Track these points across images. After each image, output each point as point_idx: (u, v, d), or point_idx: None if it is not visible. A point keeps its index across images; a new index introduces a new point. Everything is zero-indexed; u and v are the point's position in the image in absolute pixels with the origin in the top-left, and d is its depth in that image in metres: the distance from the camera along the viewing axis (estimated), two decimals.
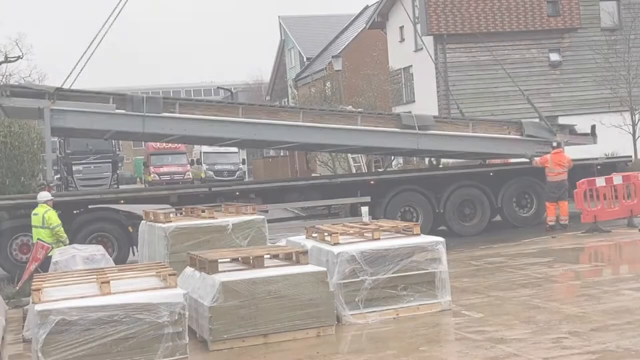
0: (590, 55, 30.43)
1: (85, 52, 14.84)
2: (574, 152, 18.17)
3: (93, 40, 14.86)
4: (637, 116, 26.54)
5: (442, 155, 19.98)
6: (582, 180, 16.39)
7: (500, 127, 17.80)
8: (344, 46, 44.32)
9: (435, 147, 17.22)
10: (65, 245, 12.54)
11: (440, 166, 21.77)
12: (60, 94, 14.63)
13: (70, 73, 14.70)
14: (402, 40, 36.17)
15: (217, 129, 15.57)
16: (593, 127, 18.68)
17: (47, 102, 14.37)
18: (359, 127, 16.43)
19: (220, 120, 15.48)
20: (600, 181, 16.34)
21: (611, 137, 20.74)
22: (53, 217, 12.75)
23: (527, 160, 17.63)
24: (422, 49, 33.48)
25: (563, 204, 16.78)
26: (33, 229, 12.93)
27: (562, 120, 28.96)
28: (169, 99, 15.46)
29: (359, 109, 21.97)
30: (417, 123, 16.65)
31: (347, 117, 16.71)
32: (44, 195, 13.33)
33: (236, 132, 15.77)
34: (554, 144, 17.32)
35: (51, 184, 14.97)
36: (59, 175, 40.70)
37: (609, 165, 18.96)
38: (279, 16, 55.63)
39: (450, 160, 24.53)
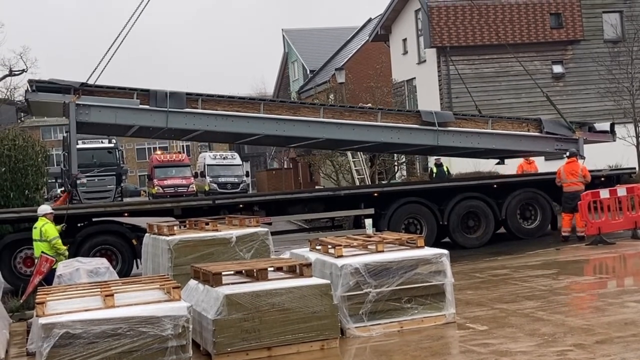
0: (594, 67, 30.48)
1: (109, 49, 14.91)
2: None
3: (117, 38, 14.93)
4: None
5: (461, 154, 19.91)
6: (586, 192, 16.37)
7: (520, 124, 17.80)
8: (347, 59, 44.44)
9: (454, 143, 17.17)
10: (65, 257, 12.57)
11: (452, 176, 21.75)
12: (85, 89, 14.71)
13: (95, 69, 14.78)
14: (405, 52, 36.27)
15: (239, 124, 15.62)
16: (612, 125, 18.61)
17: (72, 97, 14.44)
18: (379, 124, 16.46)
19: (242, 116, 15.55)
20: (604, 193, 16.32)
21: (615, 149, 20.72)
22: (50, 229, 12.78)
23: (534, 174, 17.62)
24: (425, 61, 33.64)
25: (578, 215, 16.65)
26: (33, 243, 12.96)
27: None
28: (191, 94, 15.43)
29: (379, 107, 21.97)
30: (437, 120, 16.70)
31: (367, 114, 16.73)
32: (44, 208, 13.39)
33: (258, 128, 15.80)
34: (567, 154, 17.35)
35: (79, 178, 14.94)
36: (63, 188, 40.86)
37: (613, 177, 18.94)
38: (282, 29, 55.90)
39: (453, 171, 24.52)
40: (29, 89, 14.48)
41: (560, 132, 17.76)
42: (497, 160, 20.71)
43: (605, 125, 18.64)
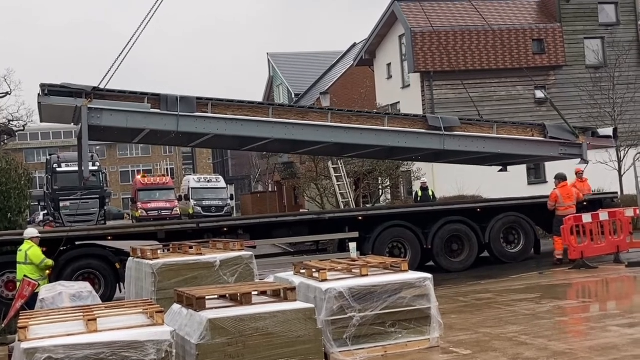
0: (576, 92, 30.84)
1: (120, 53, 14.97)
2: None
3: (129, 42, 14.99)
4: (622, 153, 26.78)
5: (465, 160, 19.95)
6: (569, 216, 16.48)
7: (524, 129, 17.86)
8: (332, 83, 44.68)
9: (460, 147, 17.16)
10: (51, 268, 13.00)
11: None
12: (96, 93, 14.67)
13: (107, 74, 14.83)
14: (390, 77, 36.53)
15: (249, 128, 15.62)
16: (615, 130, 18.71)
17: (84, 101, 14.42)
18: (386, 128, 16.50)
19: (251, 120, 15.57)
20: (586, 217, 16.43)
21: (597, 173, 20.91)
22: (37, 253, 12.74)
23: (516, 197, 17.61)
24: (409, 85, 33.88)
25: None
26: (17, 265, 12.88)
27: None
28: (201, 99, 15.43)
29: (386, 112, 21.95)
30: (443, 124, 16.76)
31: (375, 119, 16.75)
32: (30, 232, 13.32)
33: (267, 131, 15.78)
34: (557, 179, 17.46)
35: (90, 179, 14.76)
36: (46, 212, 40.63)
37: (596, 202, 19.07)
38: (267, 53, 56.21)
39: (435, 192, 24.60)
40: (41, 92, 14.45)
41: (564, 137, 17.82)
42: (500, 168, 20.82)
43: (609, 130, 18.72)
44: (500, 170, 20.99)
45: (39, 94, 14.38)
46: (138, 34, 15.05)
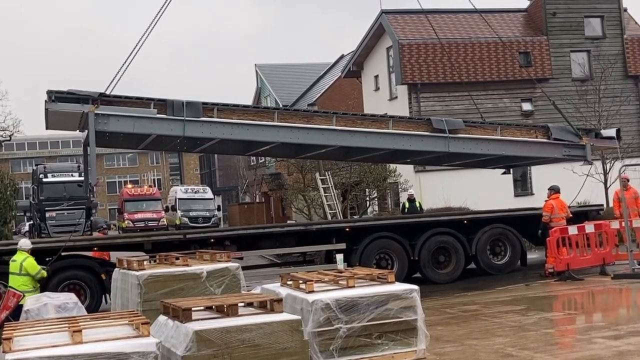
0: (562, 105, 30.95)
1: (127, 58, 15.01)
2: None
3: (133, 49, 15.04)
4: (608, 165, 26.93)
5: (469, 163, 19.94)
6: (555, 228, 16.55)
7: (528, 131, 17.90)
8: (319, 94, 44.76)
9: (465, 150, 17.18)
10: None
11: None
12: (103, 99, 14.64)
13: (113, 79, 14.83)
14: (377, 89, 36.63)
15: (255, 132, 15.63)
16: (618, 131, 18.78)
17: (91, 107, 14.38)
18: (390, 131, 16.53)
19: (257, 125, 15.58)
20: (572, 229, 16.50)
21: (583, 185, 21.00)
22: (32, 264, 12.75)
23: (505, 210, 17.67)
24: (396, 97, 34.01)
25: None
26: (10, 275, 12.81)
27: (534, 170, 29.39)
28: (207, 104, 15.44)
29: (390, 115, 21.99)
30: (448, 127, 16.80)
31: (379, 122, 16.76)
32: (25, 242, 13.28)
33: (273, 136, 15.81)
34: (551, 190, 17.50)
35: (96, 185, 14.74)
36: (32, 222, 40.37)
37: (581, 214, 19.16)
38: (255, 64, 56.23)
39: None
40: (48, 99, 14.41)
41: (567, 139, 17.86)
42: (503, 171, 20.85)
43: (612, 132, 18.77)
44: (504, 173, 21.06)
45: (45, 101, 14.35)
46: (142, 40, 15.13)
